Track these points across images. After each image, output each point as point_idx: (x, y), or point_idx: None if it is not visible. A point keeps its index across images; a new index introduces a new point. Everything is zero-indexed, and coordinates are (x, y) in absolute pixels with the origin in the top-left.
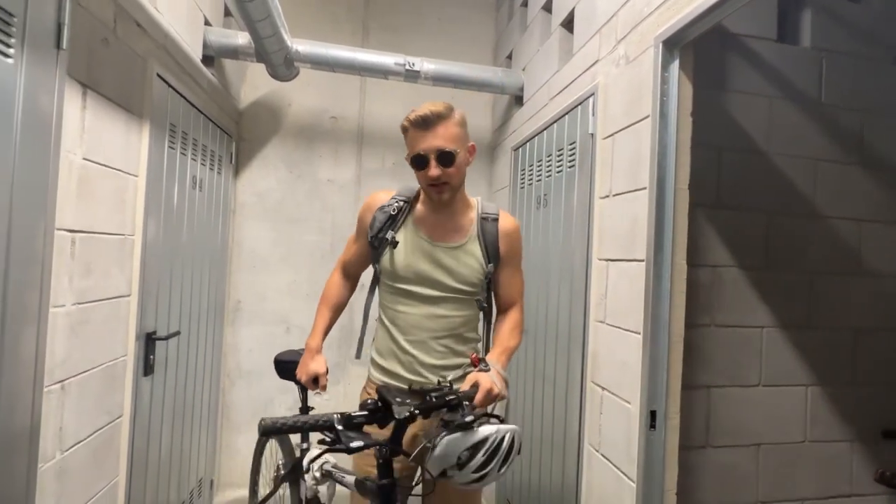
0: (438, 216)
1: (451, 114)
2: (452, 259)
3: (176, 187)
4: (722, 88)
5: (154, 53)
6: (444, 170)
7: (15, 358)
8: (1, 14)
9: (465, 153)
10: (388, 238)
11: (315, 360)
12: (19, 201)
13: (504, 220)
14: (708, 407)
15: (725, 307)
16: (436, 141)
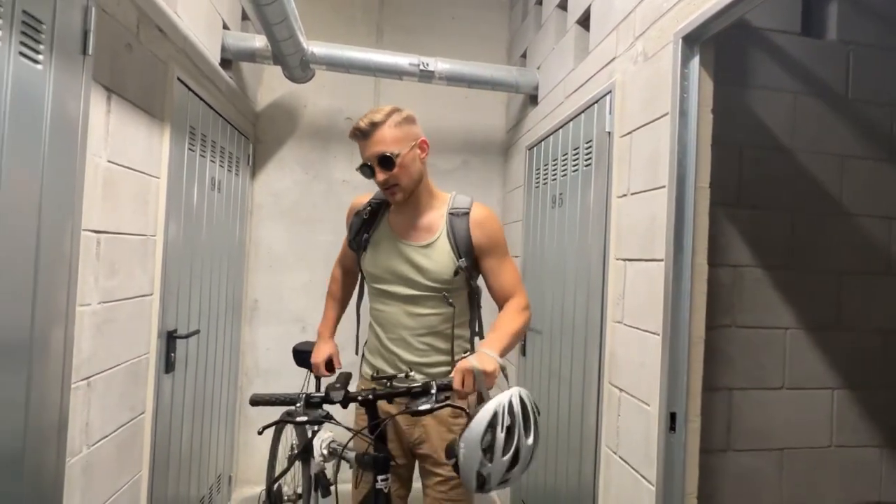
0: (407, 216)
1: (388, 118)
2: (423, 257)
3: (195, 188)
4: (744, 84)
5: (175, 57)
6: (389, 173)
7: (45, 355)
8: (31, 21)
9: (410, 151)
10: (362, 241)
11: (327, 344)
12: (48, 203)
13: (475, 211)
14: (729, 409)
15: (747, 308)
16: (375, 147)
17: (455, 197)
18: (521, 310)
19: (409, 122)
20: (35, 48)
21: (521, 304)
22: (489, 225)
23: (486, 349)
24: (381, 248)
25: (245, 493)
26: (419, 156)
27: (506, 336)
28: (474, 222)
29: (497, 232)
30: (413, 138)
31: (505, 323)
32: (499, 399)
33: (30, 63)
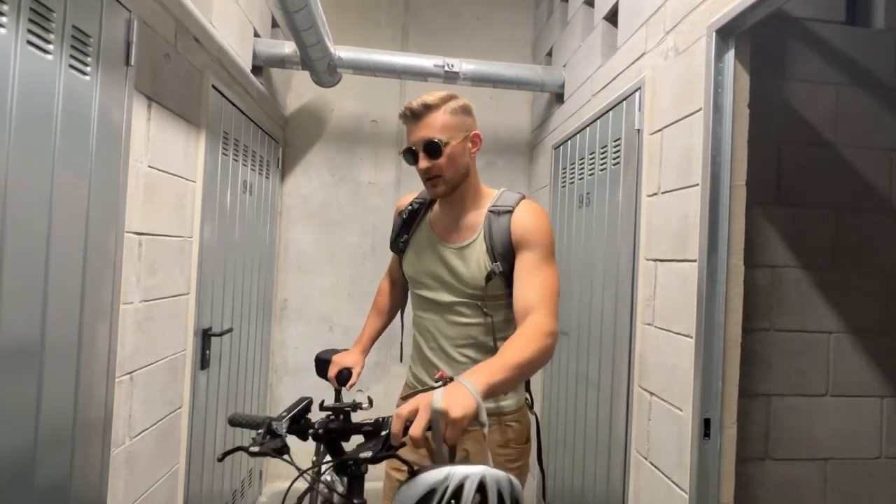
0: (449, 215)
1: (443, 103)
2: (460, 260)
3: (228, 191)
4: (782, 77)
5: (210, 66)
6: (434, 161)
7: (92, 351)
8: (80, 36)
9: (460, 143)
10: (402, 242)
11: (350, 356)
12: (95, 207)
13: (521, 208)
14: (767, 417)
15: (787, 310)
16: (422, 132)
17: (502, 194)
18: (540, 334)
19: (465, 112)
20: (83, 61)
21: (543, 325)
22: (531, 220)
23: (467, 379)
24: (420, 250)
25: (275, 488)
26: (469, 149)
27: (505, 366)
28: (517, 221)
29: (538, 228)
30: (466, 129)
31: (512, 349)
32: (449, 472)
33: (79, 75)
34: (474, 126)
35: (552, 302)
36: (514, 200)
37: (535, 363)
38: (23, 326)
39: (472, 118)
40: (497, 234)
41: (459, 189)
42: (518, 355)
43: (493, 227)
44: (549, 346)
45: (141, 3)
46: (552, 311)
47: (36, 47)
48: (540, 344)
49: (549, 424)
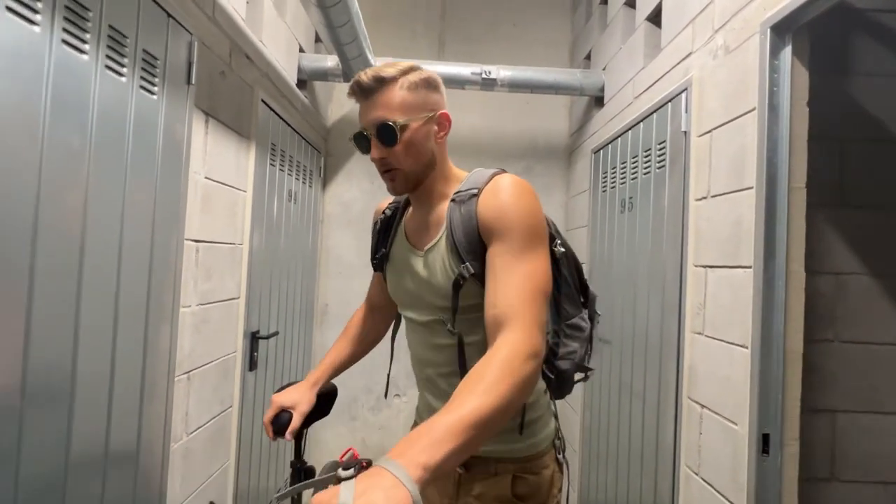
0: (419, 215)
1: (401, 76)
2: (426, 268)
3: (275, 200)
4: (845, 72)
5: (259, 81)
6: (388, 149)
7: (155, 350)
8: (149, 59)
9: (423, 125)
10: (379, 258)
11: (292, 391)
12: (159, 217)
13: (489, 187)
14: (833, 434)
15: (853, 320)
16: (376, 112)
17: (471, 175)
18: (516, 362)
19: (429, 87)
20: (151, 81)
21: (518, 347)
22: (503, 198)
23: (394, 462)
24: (397, 264)
25: None
26: (434, 133)
27: (457, 428)
28: (483, 201)
29: (512, 206)
30: (429, 108)
31: (471, 394)
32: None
33: (147, 94)
34: (441, 104)
35: (533, 306)
36: (483, 180)
37: (508, 409)
38: (99, 326)
39: (440, 94)
40: (460, 226)
41: (426, 181)
42: (479, 405)
43: (454, 219)
44: (530, 375)
45: (201, 25)
46: (533, 320)
47: (112, 71)
48: (514, 379)
49: (591, 436)
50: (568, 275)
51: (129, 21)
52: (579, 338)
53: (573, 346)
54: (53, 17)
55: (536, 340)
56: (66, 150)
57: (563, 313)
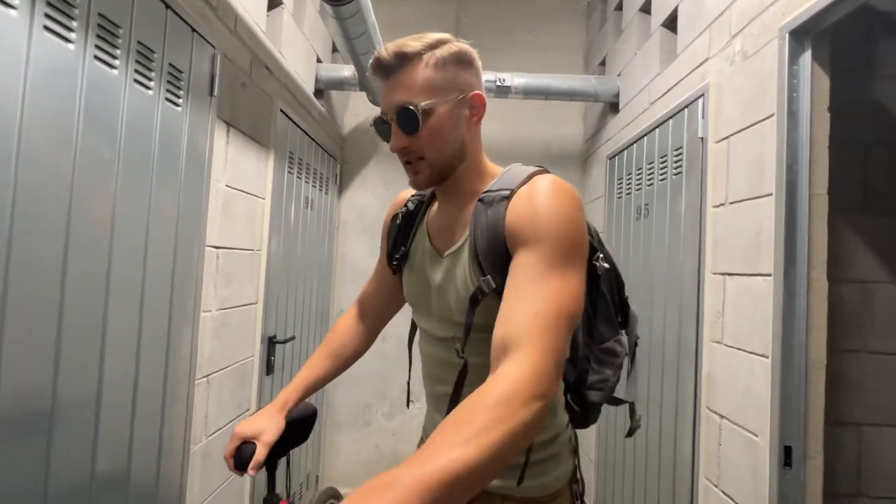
0: (445, 212)
1: (426, 51)
2: (445, 275)
3: (293, 207)
4: (868, 76)
5: (278, 92)
6: (410, 137)
7: (177, 354)
8: (174, 72)
9: (452, 108)
10: (398, 258)
11: (256, 419)
12: (182, 224)
13: (525, 190)
14: (859, 448)
15: (881, 330)
16: (396, 94)
17: (507, 171)
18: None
19: (460, 64)
20: (176, 94)
21: (523, 383)
22: (539, 203)
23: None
24: (415, 266)
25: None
26: (465, 118)
27: (421, 485)
28: (514, 206)
29: (548, 213)
30: (460, 88)
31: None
32: None
33: (173, 106)
34: (475, 83)
35: (552, 333)
36: (518, 179)
37: (495, 463)
38: (125, 330)
39: (473, 72)
40: (485, 233)
41: (455, 174)
42: (457, 459)
43: (479, 222)
44: (531, 421)
45: (224, 39)
46: (547, 349)
47: (140, 84)
48: (510, 426)
49: (607, 444)
50: (607, 291)
51: (156, 36)
52: (613, 364)
53: (605, 374)
54: (87, 34)
55: (547, 377)
56: (96, 160)
57: (597, 335)
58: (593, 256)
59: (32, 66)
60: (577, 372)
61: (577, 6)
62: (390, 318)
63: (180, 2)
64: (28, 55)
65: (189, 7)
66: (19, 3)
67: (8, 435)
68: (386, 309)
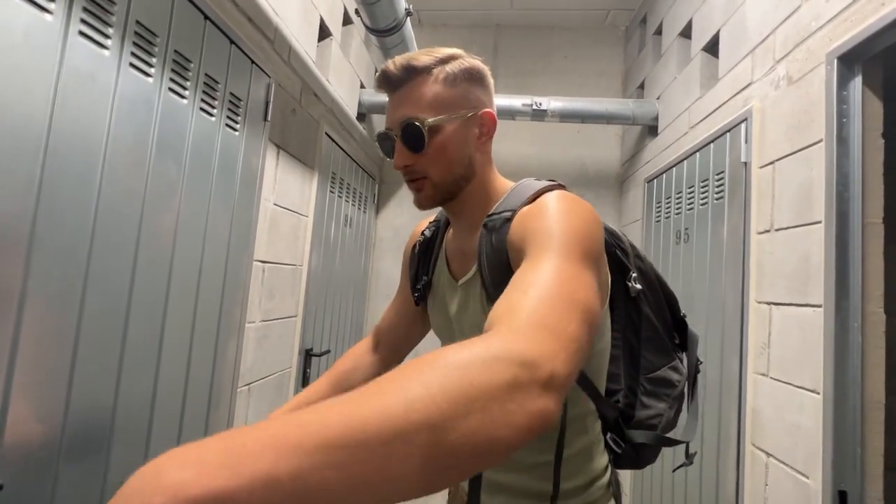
0: (459, 237)
1: (436, 65)
2: (461, 304)
3: (333, 225)
4: None
5: (324, 116)
6: (415, 155)
7: (223, 363)
8: (234, 100)
9: (459, 126)
10: (421, 287)
11: None
12: (234, 239)
13: (528, 208)
14: None
15: None
16: (403, 108)
17: (514, 190)
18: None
19: (471, 80)
20: (235, 119)
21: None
22: (546, 212)
23: (235, 447)
24: (439, 295)
25: None
26: (474, 135)
27: (349, 417)
28: (516, 224)
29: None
30: (469, 105)
31: (398, 379)
32: None
33: (231, 131)
34: (485, 101)
35: (551, 310)
36: (522, 198)
37: (430, 427)
38: (178, 339)
39: (484, 89)
40: (491, 259)
41: (461, 196)
42: (388, 406)
43: (485, 250)
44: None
45: (278, 69)
46: (540, 321)
47: (205, 112)
48: (464, 379)
49: (643, 479)
50: (653, 313)
51: (220, 68)
52: (667, 396)
53: (658, 408)
54: (164, 69)
55: (537, 345)
56: (165, 181)
57: (645, 364)
58: (625, 277)
59: (118, 98)
60: (619, 408)
61: (615, 32)
62: (409, 352)
63: (242, 36)
64: (115, 89)
65: (250, 41)
66: (111, 43)
67: (73, 452)
68: (403, 342)
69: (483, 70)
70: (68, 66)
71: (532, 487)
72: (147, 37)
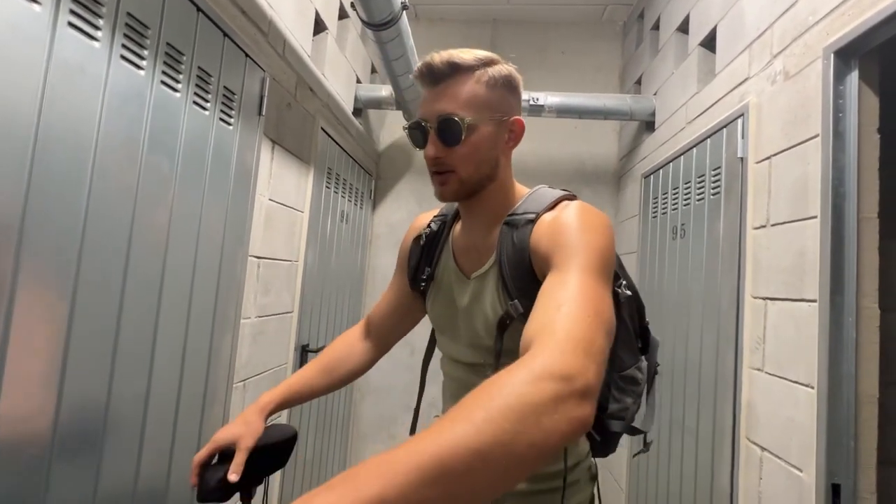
0: (469, 233)
1: (480, 66)
2: (472, 298)
3: (329, 220)
4: None
5: (320, 111)
6: (448, 148)
7: (218, 359)
8: (228, 94)
9: (493, 129)
10: (424, 279)
11: (233, 425)
12: (228, 234)
13: (552, 213)
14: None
15: None
16: (442, 103)
17: (532, 194)
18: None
19: (508, 87)
20: (229, 113)
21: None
22: (563, 221)
23: (352, 480)
24: (442, 288)
25: None
26: (503, 139)
27: (409, 464)
28: (539, 229)
29: (575, 228)
30: (504, 110)
31: (451, 418)
32: None
33: (225, 125)
34: (517, 108)
35: (580, 325)
36: (544, 203)
37: (499, 444)
38: (173, 334)
39: (517, 97)
40: (511, 256)
41: (481, 194)
42: (464, 433)
43: (505, 246)
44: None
45: (273, 63)
46: (575, 339)
47: (198, 105)
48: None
49: (639, 473)
50: (628, 318)
51: (214, 62)
52: (633, 392)
53: (626, 403)
54: (156, 62)
55: (571, 358)
56: (157, 175)
57: (618, 363)
58: (616, 283)
59: (109, 91)
60: (598, 399)
61: (613, 27)
62: (396, 341)
63: (236, 29)
64: (106, 82)
65: (244, 34)
66: (101, 35)
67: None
68: (394, 331)
69: (519, 79)
70: (57, 59)
71: (541, 469)
72: (139, 29)
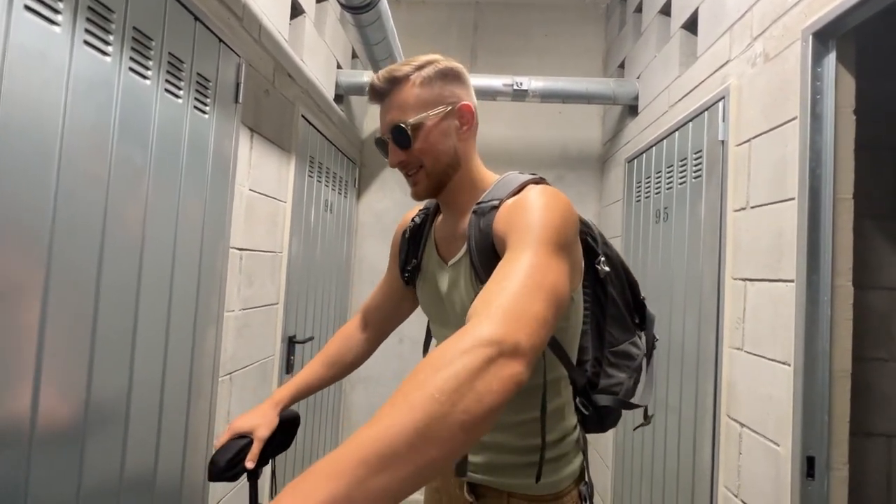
0: (448, 222)
1: (413, 72)
2: (450, 284)
3: (313, 210)
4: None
5: (300, 98)
6: (405, 151)
7: (202, 352)
8: (202, 81)
9: (441, 120)
10: (410, 270)
11: (251, 415)
12: (208, 226)
13: (513, 199)
14: (889, 460)
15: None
16: (390, 114)
17: (500, 181)
18: (444, 351)
19: (445, 79)
20: (204, 101)
21: (463, 333)
22: (526, 206)
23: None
24: (428, 276)
25: None
26: (455, 127)
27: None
28: (500, 215)
29: (532, 209)
30: (447, 101)
31: (395, 401)
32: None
33: (200, 114)
34: (463, 95)
35: (522, 299)
36: (509, 188)
37: (437, 417)
38: (153, 329)
39: (460, 85)
40: (479, 242)
41: (451, 184)
42: (386, 425)
43: (474, 233)
44: (479, 366)
45: (248, 48)
46: (511, 310)
47: (171, 93)
48: (448, 372)
49: (624, 451)
50: (617, 294)
51: (185, 47)
52: (628, 367)
53: (619, 377)
54: (122, 47)
55: (499, 326)
56: (130, 166)
57: (608, 338)
58: (594, 260)
59: (73, 78)
60: (587, 375)
61: (596, 9)
62: (392, 330)
63: (208, 13)
64: (69, 69)
65: (216, 18)
66: (62, 19)
67: (44, 444)
68: (389, 321)
69: (458, 68)
70: (14, 44)
71: (515, 443)
72: (102, 13)
